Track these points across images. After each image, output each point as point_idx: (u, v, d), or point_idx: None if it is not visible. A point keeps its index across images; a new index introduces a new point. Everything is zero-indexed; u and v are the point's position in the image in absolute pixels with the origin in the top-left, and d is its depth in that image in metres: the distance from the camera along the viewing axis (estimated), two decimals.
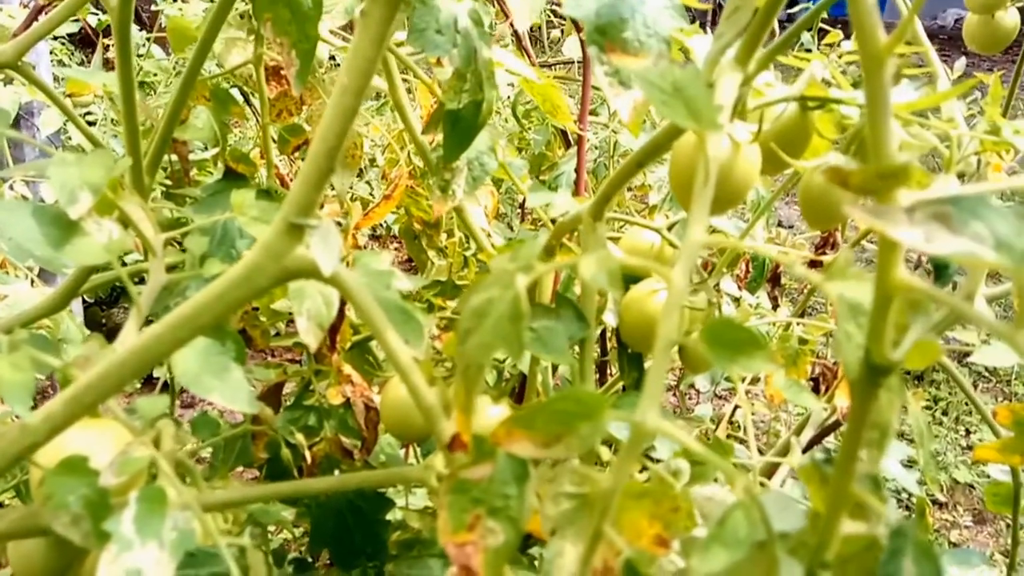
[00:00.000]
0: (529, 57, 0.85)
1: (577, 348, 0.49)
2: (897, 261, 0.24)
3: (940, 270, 0.49)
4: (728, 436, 0.85)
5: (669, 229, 0.64)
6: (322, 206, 0.84)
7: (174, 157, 0.77)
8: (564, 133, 1.27)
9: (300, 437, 0.62)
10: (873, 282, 0.25)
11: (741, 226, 0.71)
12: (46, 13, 0.71)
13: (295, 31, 0.56)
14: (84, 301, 2.19)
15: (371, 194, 1.59)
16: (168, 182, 0.82)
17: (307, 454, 0.62)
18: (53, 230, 0.41)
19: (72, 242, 0.41)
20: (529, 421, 0.24)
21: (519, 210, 1.68)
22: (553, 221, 0.68)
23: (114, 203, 0.44)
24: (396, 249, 2.43)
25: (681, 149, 0.41)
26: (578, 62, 1.52)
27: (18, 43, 0.59)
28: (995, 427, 0.70)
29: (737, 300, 0.98)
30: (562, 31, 1.90)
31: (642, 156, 0.42)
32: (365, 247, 2.21)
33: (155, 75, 1.10)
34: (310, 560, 0.69)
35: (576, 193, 0.79)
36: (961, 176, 0.73)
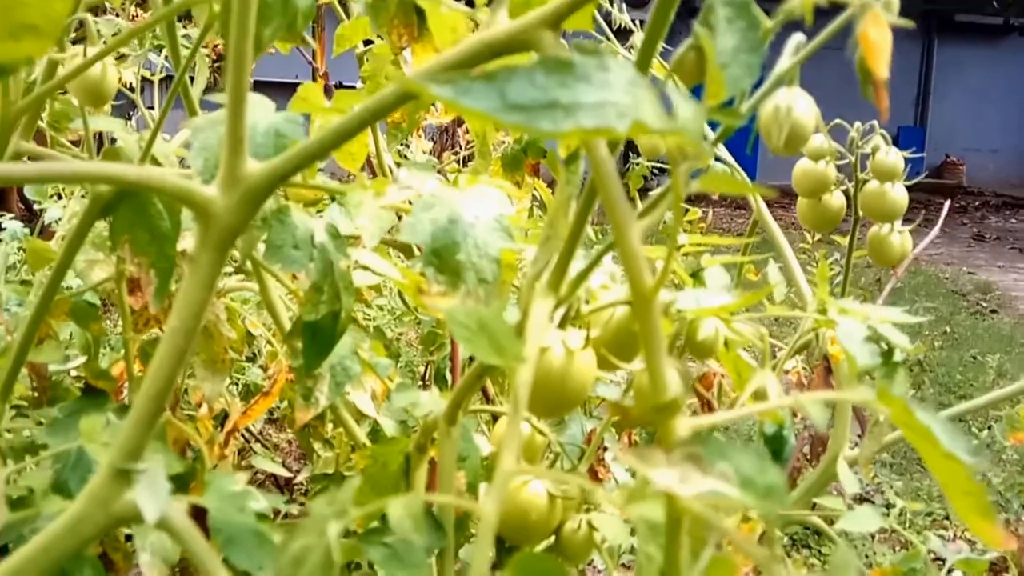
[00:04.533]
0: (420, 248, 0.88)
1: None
2: None
3: (776, 453, 0.51)
4: None
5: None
6: (200, 405, 0.83)
7: None
8: None
9: None
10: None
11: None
12: None
13: (154, 252, 0.58)
14: None
15: (265, 379, 1.57)
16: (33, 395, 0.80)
17: None
18: None
19: None
20: None
21: (420, 382, 1.68)
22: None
23: None
24: (293, 433, 2.36)
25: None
26: None
27: None
28: None
29: (632, 470, 0.99)
30: None
31: (482, 368, 0.43)
32: (261, 432, 2.13)
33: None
34: None
35: (452, 384, 0.80)
36: (806, 347, 0.79)
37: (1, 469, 0.46)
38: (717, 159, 0.96)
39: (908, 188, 0.82)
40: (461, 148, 1.63)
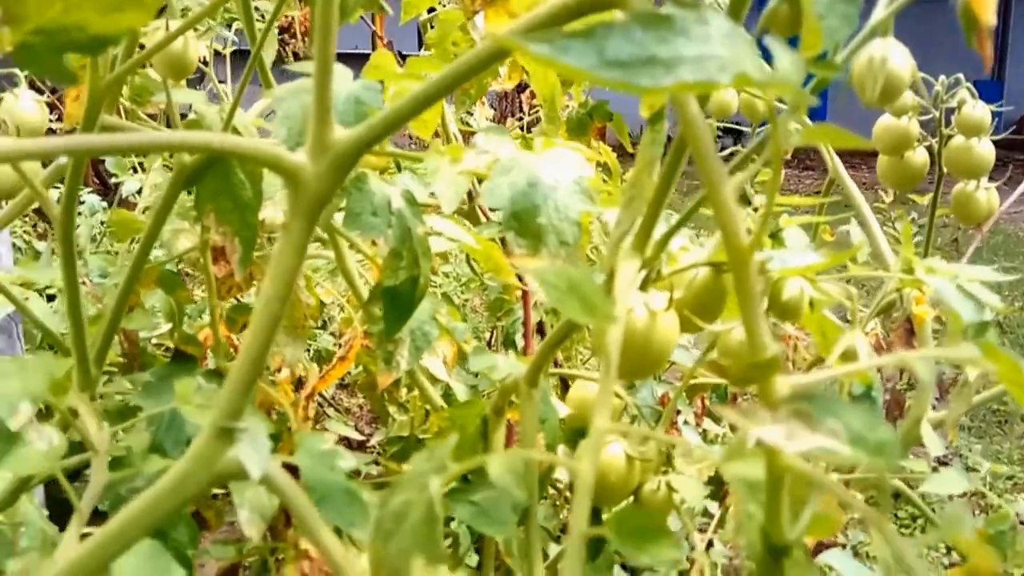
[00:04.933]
0: (485, 215, 0.88)
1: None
2: None
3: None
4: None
5: None
6: (279, 370, 0.85)
7: None
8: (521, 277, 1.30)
9: None
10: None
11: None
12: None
13: (237, 220, 0.59)
14: None
15: (336, 345, 1.60)
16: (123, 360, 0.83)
17: None
18: None
19: (13, 453, 0.42)
20: None
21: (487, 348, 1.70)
22: None
23: (56, 406, 0.45)
24: (364, 398, 2.41)
25: None
26: None
27: None
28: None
29: (704, 432, 0.99)
30: None
31: (571, 325, 0.44)
32: (333, 397, 2.18)
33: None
34: None
35: (526, 349, 0.81)
36: (890, 307, 0.77)
37: (104, 431, 0.48)
38: None
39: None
40: (524, 114, 1.62)
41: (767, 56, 0.25)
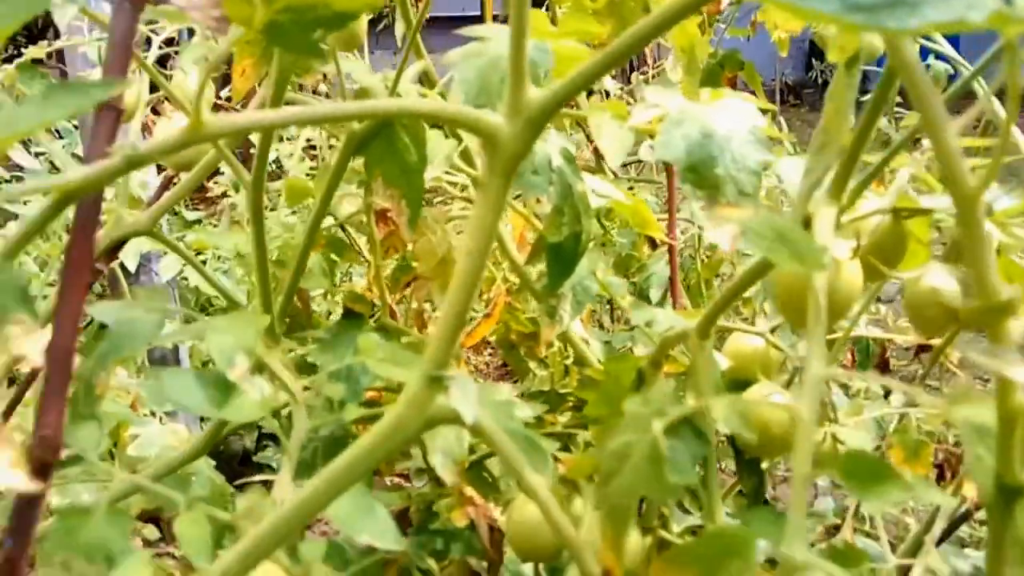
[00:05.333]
0: (614, 175, 0.89)
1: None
2: (1016, 387, 0.26)
3: None
4: (855, 531, 0.83)
5: (772, 332, 0.65)
6: (425, 327, 0.89)
7: None
8: (650, 239, 1.30)
9: (432, 563, 0.64)
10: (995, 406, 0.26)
11: None
12: (173, 183, 0.79)
13: (403, 183, 0.62)
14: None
15: (481, 302, 1.65)
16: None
17: None
18: (214, 392, 0.46)
19: (231, 402, 0.46)
20: (682, 560, 0.26)
21: (607, 306, 1.70)
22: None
23: (261, 360, 0.49)
24: (490, 353, 2.47)
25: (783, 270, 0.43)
26: (657, 164, 1.56)
27: (153, 212, 0.67)
28: None
29: (846, 388, 0.97)
30: None
31: (751, 277, 0.44)
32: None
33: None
34: None
35: (673, 304, 0.81)
36: None
37: (298, 381, 0.52)
38: (938, 56, 0.89)
39: None
40: (649, 68, 1.60)
41: None
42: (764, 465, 0.67)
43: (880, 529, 0.66)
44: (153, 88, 0.70)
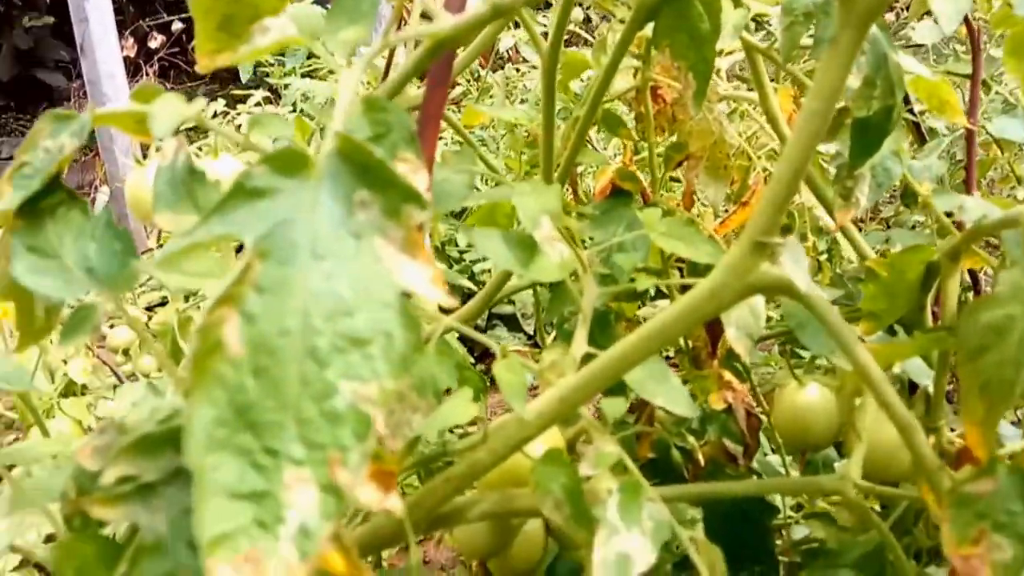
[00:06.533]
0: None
1: None
2: None
3: None
4: None
5: None
6: (691, 205, 0.87)
7: None
8: (916, 125, 1.18)
9: (692, 440, 0.65)
10: None
11: None
12: None
13: (693, 55, 0.59)
14: None
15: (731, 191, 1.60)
16: None
17: (699, 457, 0.65)
18: (520, 252, 0.47)
19: (535, 261, 0.47)
20: None
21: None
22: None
23: (561, 224, 0.50)
24: None
25: None
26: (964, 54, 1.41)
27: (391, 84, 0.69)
28: None
29: None
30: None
31: None
32: None
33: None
34: None
35: (967, 192, 0.74)
36: None
37: (583, 251, 0.53)
38: None
39: None
40: None
41: None
42: None
43: None
44: None
